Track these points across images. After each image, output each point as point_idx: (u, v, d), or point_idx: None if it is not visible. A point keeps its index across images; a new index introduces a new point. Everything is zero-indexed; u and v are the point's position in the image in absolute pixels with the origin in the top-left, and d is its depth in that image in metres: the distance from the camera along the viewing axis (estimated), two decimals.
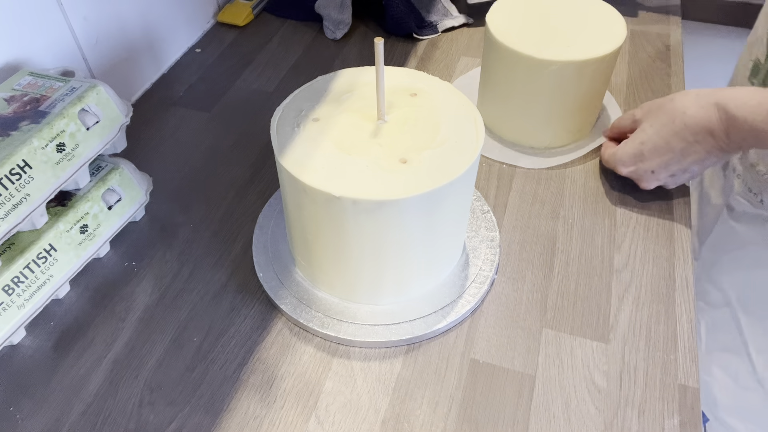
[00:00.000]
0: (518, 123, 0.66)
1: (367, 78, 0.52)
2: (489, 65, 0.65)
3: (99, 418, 0.46)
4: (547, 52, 0.58)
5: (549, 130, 0.65)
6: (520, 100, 0.63)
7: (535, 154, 0.66)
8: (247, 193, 0.63)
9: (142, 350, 0.50)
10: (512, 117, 0.65)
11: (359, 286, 0.50)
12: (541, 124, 0.65)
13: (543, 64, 0.58)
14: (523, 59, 0.59)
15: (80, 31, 0.64)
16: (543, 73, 0.59)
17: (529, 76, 0.60)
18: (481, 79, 0.69)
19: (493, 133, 0.68)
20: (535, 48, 0.58)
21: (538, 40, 0.59)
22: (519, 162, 0.65)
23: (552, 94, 0.61)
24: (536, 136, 0.66)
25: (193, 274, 0.56)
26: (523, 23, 0.62)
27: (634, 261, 0.56)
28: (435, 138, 0.46)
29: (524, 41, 0.59)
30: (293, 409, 0.46)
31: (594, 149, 0.66)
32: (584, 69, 0.59)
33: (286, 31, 0.86)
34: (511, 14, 0.63)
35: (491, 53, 0.63)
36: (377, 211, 0.43)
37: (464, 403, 0.47)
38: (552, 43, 0.59)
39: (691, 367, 0.48)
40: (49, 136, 0.48)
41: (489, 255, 0.55)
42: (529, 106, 0.63)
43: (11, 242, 0.49)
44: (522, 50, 0.58)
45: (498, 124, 0.67)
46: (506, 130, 0.67)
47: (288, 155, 0.45)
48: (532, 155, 0.66)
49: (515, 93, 0.63)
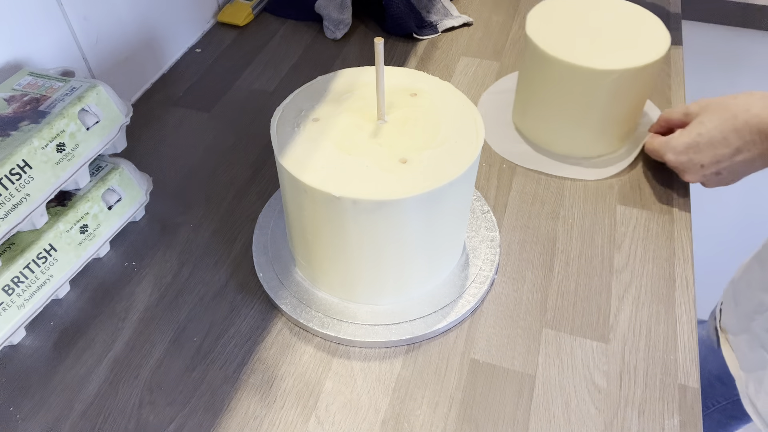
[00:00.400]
0: (572, 135, 0.64)
1: (367, 78, 0.52)
2: (534, 79, 0.63)
3: (99, 418, 0.46)
4: (603, 61, 0.57)
5: (604, 139, 0.64)
6: (575, 111, 0.62)
7: (593, 165, 0.64)
8: (247, 193, 0.63)
9: (142, 350, 0.50)
10: (565, 129, 0.64)
11: (359, 286, 0.50)
12: (596, 134, 0.63)
13: (602, 74, 0.57)
14: (579, 71, 0.58)
15: (80, 31, 0.64)
16: (601, 83, 0.58)
17: (586, 87, 0.59)
18: (521, 93, 0.67)
19: (540, 147, 0.67)
20: (590, 58, 0.57)
21: (588, 49, 0.58)
22: (581, 175, 0.63)
23: (610, 102, 0.60)
24: (590, 146, 0.65)
25: (193, 274, 0.56)
26: (565, 33, 0.61)
27: (634, 261, 0.56)
28: (435, 138, 0.46)
29: (575, 52, 0.58)
30: (293, 409, 0.46)
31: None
32: (640, 75, 0.58)
33: (286, 31, 0.86)
34: (549, 25, 0.62)
35: (538, 67, 0.61)
36: (377, 211, 0.43)
37: (464, 403, 0.47)
38: (603, 51, 0.58)
39: (691, 367, 0.48)
40: (49, 136, 0.48)
41: (489, 255, 0.55)
42: (586, 117, 0.62)
43: (11, 242, 0.49)
44: (578, 62, 0.57)
45: (546, 138, 0.66)
46: (557, 143, 0.65)
47: (288, 155, 0.45)
48: (591, 167, 0.64)
49: (570, 105, 0.61)
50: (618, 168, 0.64)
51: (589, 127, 0.63)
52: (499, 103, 0.72)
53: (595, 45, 0.59)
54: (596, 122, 0.62)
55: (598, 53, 0.58)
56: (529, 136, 0.68)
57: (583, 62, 0.57)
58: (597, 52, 0.58)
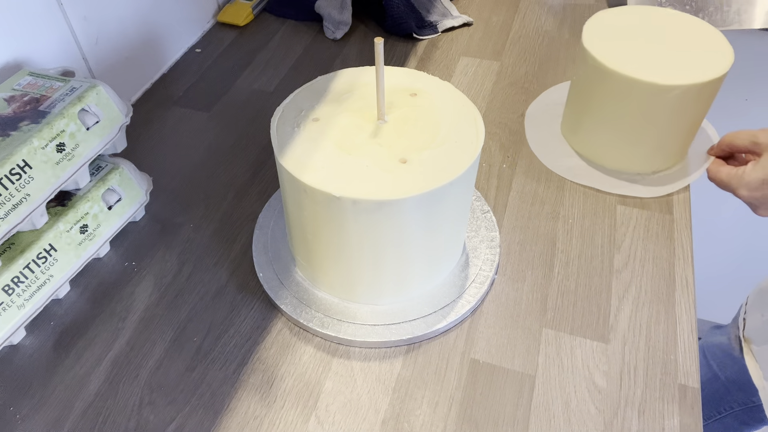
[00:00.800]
0: (627, 150, 0.62)
1: (367, 78, 0.52)
2: (590, 92, 0.61)
3: (99, 418, 0.46)
4: (666, 76, 0.55)
5: (660, 155, 0.62)
6: (633, 126, 0.60)
7: (649, 182, 0.63)
8: (247, 193, 0.63)
9: (142, 350, 0.50)
10: (621, 144, 0.62)
11: (359, 286, 0.50)
12: (653, 150, 0.62)
13: (664, 89, 0.55)
14: (639, 85, 0.56)
15: (80, 31, 0.64)
16: (663, 99, 0.56)
17: (646, 102, 0.57)
18: (574, 105, 0.65)
19: (591, 162, 0.65)
20: (651, 72, 0.56)
21: (648, 63, 0.57)
22: (638, 192, 0.62)
23: (670, 118, 0.58)
24: (646, 161, 0.63)
25: (193, 274, 0.56)
26: (623, 45, 0.59)
27: (634, 261, 0.56)
28: (435, 138, 0.46)
29: (635, 66, 0.56)
30: (293, 409, 0.46)
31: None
32: (703, 91, 0.57)
33: (286, 31, 0.86)
34: (606, 37, 0.60)
35: (595, 80, 0.60)
36: (377, 211, 0.43)
37: (464, 403, 0.47)
38: (664, 65, 0.57)
39: (691, 367, 0.48)
40: (49, 136, 0.48)
41: (489, 255, 0.55)
42: (643, 133, 0.60)
43: (11, 242, 0.49)
44: (639, 76, 0.56)
45: (599, 152, 0.64)
46: (610, 158, 0.64)
47: (288, 155, 0.45)
48: (647, 184, 0.62)
49: (627, 120, 0.60)
50: (677, 186, 0.62)
51: (646, 142, 0.61)
52: (546, 116, 0.71)
53: (655, 58, 0.58)
54: (654, 138, 0.60)
55: (658, 67, 0.56)
56: (581, 150, 0.66)
57: (644, 76, 0.56)
58: (657, 66, 0.56)
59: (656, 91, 0.56)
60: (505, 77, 0.77)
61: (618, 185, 0.63)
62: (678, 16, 0.63)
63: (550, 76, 0.77)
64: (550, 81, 0.76)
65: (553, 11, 0.89)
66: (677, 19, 0.63)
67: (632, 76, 0.56)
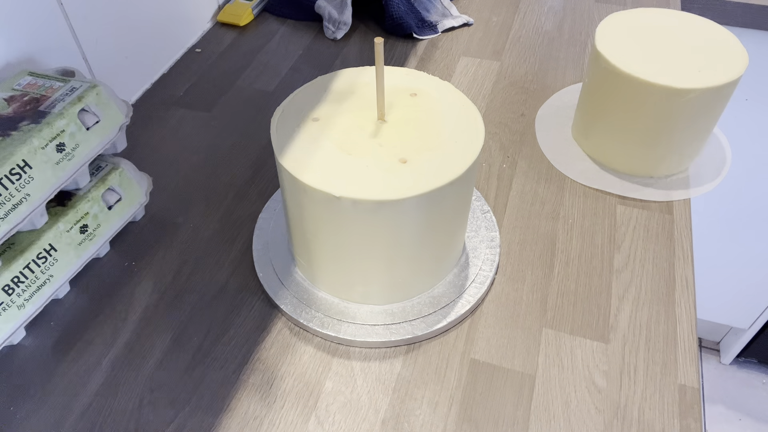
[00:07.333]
0: (640, 153, 0.62)
1: (367, 78, 0.52)
2: (603, 94, 0.61)
3: (99, 418, 0.46)
4: (681, 79, 0.55)
5: (673, 159, 0.62)
6: (646, 130, 0.59)
7: (662, 186, 0.62)
8: (247, 193, 0.63)
9: (142, 350, 0.50)
10: (633, 148, 0.62)
11: (359, 286, 0.50)
12: (666, 153, 0.61)
13: (679, 93, 0.55)
14: (654, 89, 0.56)
15: (80, 31, 0.64)
16: (677, 102, 0.56)
17: (661, 106, 0.57)
18: (586, 108, 0.65)
19: (603, 165, 0.65)
20: (666, 76, 0.55)
21: (662, 66, 0.57)
22: (652, 197, 0.61)
23: (685, 122, 0.58)
24: (659, 165, 0.62)
25: (193, 274, 0.56)
26: (637, 48, 0.59)
27: (634, 261, 0.56)
28: (435, 138, 0.46)
29: (650, 69, 0.56)
30: (293, 409, 0.46)
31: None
32: (718, 94, 0.56)
33: (286, 31, 0.86)
34: (619, 40, 0.60)
35: (608, 83, 0.59)
36: (377, 211, 0.43)
37: (464, 403, 0.47)
38: (678, 68, 0.56)
39: (690, 367, 0.48)
40: (49, 136, 0.48)
41: (489, 255, 0.55)
42: (657, 136, 0.60)
43: (11, 242, 0.49)
44: (653, 80, 0.55)
45: (611, 156, 0.64)
46: (622, 162, 0.63)
47: (288, 155, 0.45)
48: (661, 188, 0.62)
49: (641, 123, 0.59)
50: (693, 193, 0.62)
51: (659, 146, 0.60)
52: (557, 119, 0.71)
53: (669, 61, 0.57)
54: (667, 142, 0.60)
55: (673, 70, 0.56)
56: (592, 153, 0.66)
57: (658, 80, 0.55)
58: (672, 70, 0.56)
59: (671, 95, 0.56)
60: (505, 77, 0.77)
61: (630, 189, 0.62)
62: (691, 18, 0.63)
63: (550, 76, 0.77)
64: (550, 81, 0.76)
65: (553, 11, 0.89)
66: (690, 21, 0.62)
67: (647, 80, 0.56)
